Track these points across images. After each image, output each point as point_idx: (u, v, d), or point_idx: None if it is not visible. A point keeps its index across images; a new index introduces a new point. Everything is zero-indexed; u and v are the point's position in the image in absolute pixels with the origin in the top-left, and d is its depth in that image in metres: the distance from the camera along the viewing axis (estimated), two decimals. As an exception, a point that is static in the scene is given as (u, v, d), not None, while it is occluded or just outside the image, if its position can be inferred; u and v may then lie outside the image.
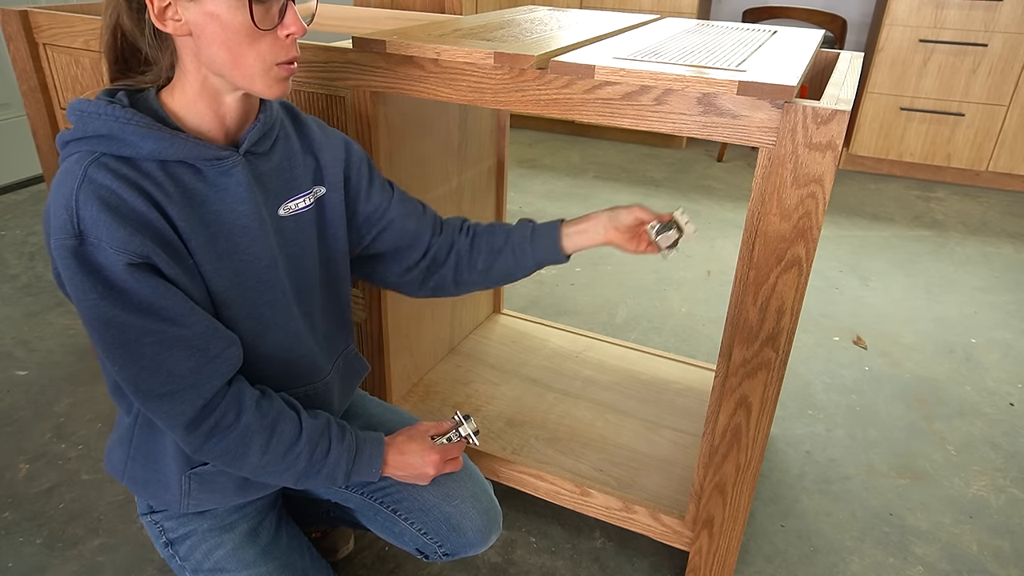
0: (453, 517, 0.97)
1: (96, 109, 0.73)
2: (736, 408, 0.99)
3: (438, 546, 0.99)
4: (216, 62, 0.74)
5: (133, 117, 0.73)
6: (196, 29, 0.73)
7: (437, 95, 1.01)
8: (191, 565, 0.95)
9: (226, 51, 0.73)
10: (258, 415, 0.81)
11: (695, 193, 2.98)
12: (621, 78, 0.88)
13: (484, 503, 1.00)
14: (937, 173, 3.19)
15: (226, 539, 0.94)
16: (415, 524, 0.98)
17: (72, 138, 0.74)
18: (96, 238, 0.69)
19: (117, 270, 0.70)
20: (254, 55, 0.74)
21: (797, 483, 1.45)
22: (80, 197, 0.70)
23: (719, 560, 1.12)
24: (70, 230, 0.69)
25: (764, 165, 0.85)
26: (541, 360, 1.55)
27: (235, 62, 0.74)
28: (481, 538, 0.99)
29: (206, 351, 0.77)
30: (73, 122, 0.74)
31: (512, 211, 2.74)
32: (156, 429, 0.87)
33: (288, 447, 0.83)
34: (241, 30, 0.72)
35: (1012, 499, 1.43)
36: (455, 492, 0.99)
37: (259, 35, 0.74)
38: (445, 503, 0.98)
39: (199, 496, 0.91)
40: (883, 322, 2.05)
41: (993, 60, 2.84)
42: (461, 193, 1.45)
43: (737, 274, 0.93)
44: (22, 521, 1.30)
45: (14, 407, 1.60)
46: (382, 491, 1.00)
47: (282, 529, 1.01)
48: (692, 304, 2.12)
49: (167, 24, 0.73)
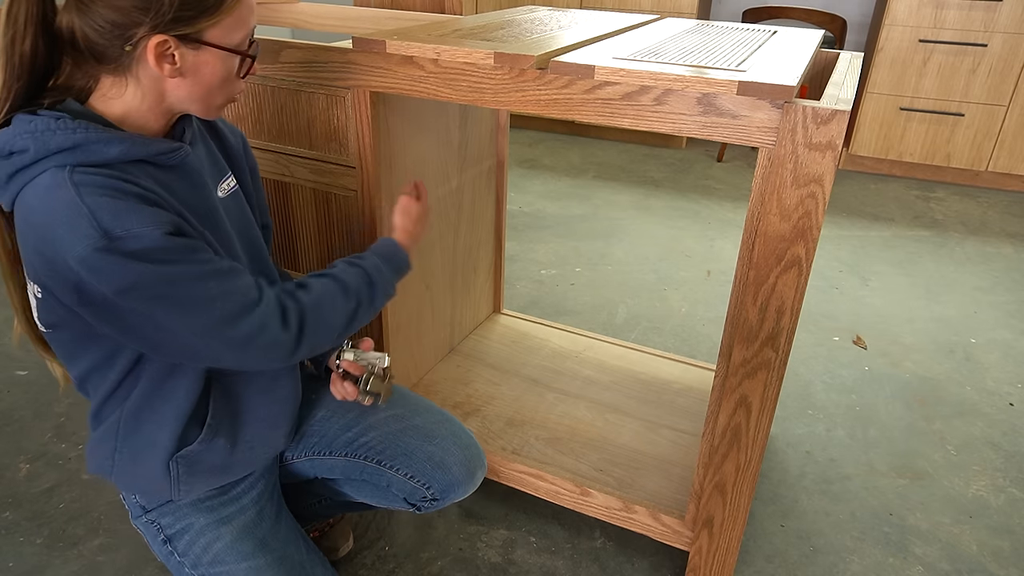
0: (436, 455, 1.02)
1: (48, 126, 0.72)
2: (736, 408, 0.99)
3: (426, 488, 1.01)
4: (185, 98, 0.80)
5: (90, 126, 0.74)
6: (188, 73, 0.77)
7: (437, 95, 1.01)
8: (190, 560, 0.95)
9: (202, 91, 0.80)
10: (307, 290, 0.87)
11: (695, 193, 2.98)
12: (621, 78, 0.88)
13: (464, 440, 1.05)
14: (937, 173, 3.19)
15: (224, 532, 0.95)
16: (400, 470, 1.01)
17: (34, 159, 0.72)
18: (124, 229, 0.70)
19: (156, 239, 0.72)
20: (222, 95, 0.83)
21: (797, 483, 1.45)
22: (88, 201, 0.70)
23: (719, 560, 1.12)
24: (94, 234, 0.69)
25: (764, 165, 0.85)
26: (541, 360, 1.55)
27: (205, 100, 0.81)
28: (466, 473, 1.03)
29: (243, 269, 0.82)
30: (25, 145, 0.72)
31: (512, 211, 2.75)
32: (142, 419, 0.87)
33: (344, 291, 0.90)
34: (224, 77, 0.80)
35: (1012, 499, 1.43)
36: (435, 432, 1.04)
37: (229, 82, 0.82)
38: (427, 443, 1.02)
39: (189, 481, 0.91)
40: (883, 322, 2.05)
41: (993, 60, 2.84)
42: (461, 193, 1.45)
43: (737, 274, 0.93)
44: (22, 521, 1.30)
45: (14, 407, 1.60)
46: (365, 446, 1.03)
47: (280, 521, 1.02)
48: (692, 304, 2.12)
49: (163, 67, 0.76)
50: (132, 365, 0.84)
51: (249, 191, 1.01)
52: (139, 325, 0.74)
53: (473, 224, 1.54)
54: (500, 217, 1.64)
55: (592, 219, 2.70)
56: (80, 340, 0.82)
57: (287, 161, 1.22)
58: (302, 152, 1.20)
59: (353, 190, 1.18)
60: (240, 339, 0.78)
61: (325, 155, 1.18)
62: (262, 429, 0.96)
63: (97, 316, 0.74)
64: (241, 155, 1.00)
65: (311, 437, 1.06)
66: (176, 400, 0.86)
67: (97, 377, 0.86)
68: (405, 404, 1.08)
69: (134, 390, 0.86)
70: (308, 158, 1.20)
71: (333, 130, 1.15)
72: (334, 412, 1.06)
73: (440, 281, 1.46)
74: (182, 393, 0.86)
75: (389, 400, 1.06)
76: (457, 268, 1.52)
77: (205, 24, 0.75)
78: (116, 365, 0.84)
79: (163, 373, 0.85)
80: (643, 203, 2.87)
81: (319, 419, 1.06)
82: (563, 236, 2.55)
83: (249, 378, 0.93)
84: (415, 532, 1.30)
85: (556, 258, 2.39)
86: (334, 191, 1.20)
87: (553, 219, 2.69)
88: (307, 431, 1.06)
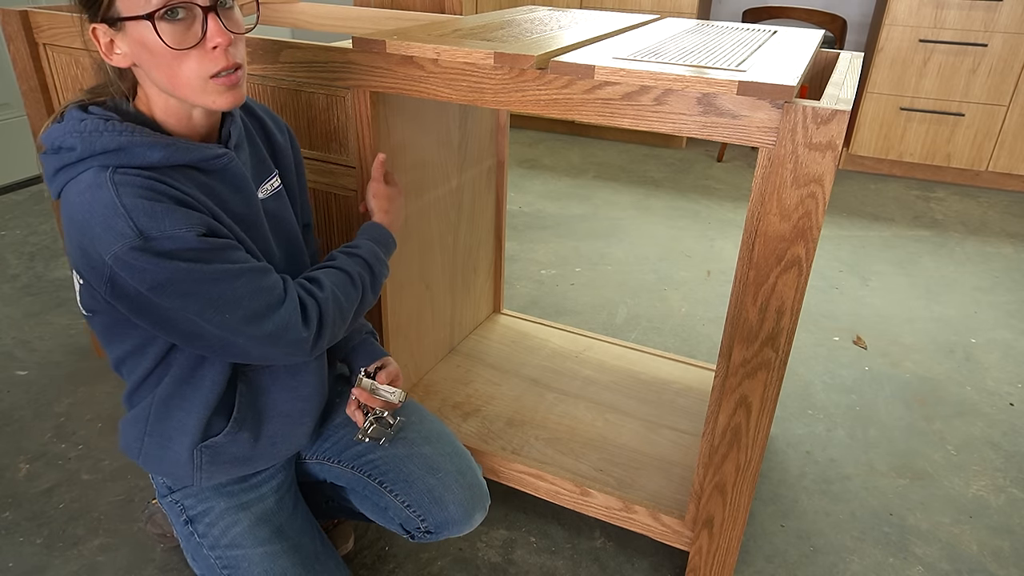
0: (436, 489, 1.01)
1: (97, 127, 0.76)
2: (736, 408, 0.99)
3: (420, 520, 1.01)
4: (161, 83, 0.79)
5: (136, 129, 0.77)
6: (136, 59, 0.77)
7: (437, 95, 1.01)
8: (209, 542, 0.98)
9: (162, 73, 0.77)
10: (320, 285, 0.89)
11: (695, 193, 2.98)
12: (621, 78, 0.88)
13: (469, 479, 1.04)
14: (937, 173, 3.19)
15: (242, 517, 0.98)
16: (399, 496, 1.02)
17: (80, 158, 0.76)
18: (159, 231, 0.73)
19: (189, 240, 0.74)
20: (187, 73, 0.77)
21: (797, 483, 1.45)
22: (126, 202, 0.72)
23: (719, 560, 1.12)
24: (130, 233, 0.72)
25: (764, 165, 0.85)
26: (541, 360, 1.55)
27: (173, 82, 0.77)
28: (463, 514, 1.02)
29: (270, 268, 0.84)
30: (73, 143, 0.76)
31: (512, 211, 2.74)
32: (171, 407, 0.91)
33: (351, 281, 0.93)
34: (165, 52, 0.75)
35: (1012, 499, 1.43)
36: (440, 465, 1.03)
37: (183, 54, 0.76)
38: (429, 475, 1.01)
39: (210, 469, 0.96)
40: (883, 322, 2.05)
41: (993, 60, 2.84)
42: (461, 193, 1.45)
43: (737, 274, 0.93)
44: (22, 521, 1.30)
45: (14, 407, 1.60)
46: (371, 463, 1.04)
47: (298, 511, 1.05)
48: (692, 304, 2.12)
49: (114, 59, 0.78)
50: (164, 354, 0.88)
51: (293, 189, 1.02)
52: (170, 319, 0.77)
53: (473, 224, 1.54)
54: (500, 217, 1.64)
55: (592, 219, 2.70)
56: (117, 326, 0.86)
57: (287, 161, 1.22)
58: (302, 152, 1.20)
59: (353, 190, 1.18)
60: (264, 336, 0.81)
61: (325, 155, 1.18)
62: (285, 425, 0.99)
63: (130, 309, 0.77)
64: (288, 151, 1.01)
65: (325, 441, 1.08)
66: (203, 389, 0.90)
67: (131, 362, 0.90)
68: (419, 429, 1.07)
69: (165, 377, 0.89)
70: (308, 158, 1.20)
71: (333, 130, 1.15)
72: (350, 420, 1.08)
73: (440, 281, 1.46)
74: (208, 383, 0.90)
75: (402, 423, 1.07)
76: (457, 268, 1.52)
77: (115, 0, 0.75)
78: (149, 353, 0.88)
79: (192, 363, 0.88)
80: (643, 203, 2.87)
81: (336, 424, 1.08)
82: (563, 236, 2.55)
83: (274, 375, 0.95)
84: (415, 532, 1.31)
85: (556, 258, 2.39)
86: (334, 191, 1.20)
87: (553, 219, 2.69)
88: (324, 433, 1.08)
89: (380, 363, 1.06)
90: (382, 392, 1.01)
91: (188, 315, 0.77)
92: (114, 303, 0.77)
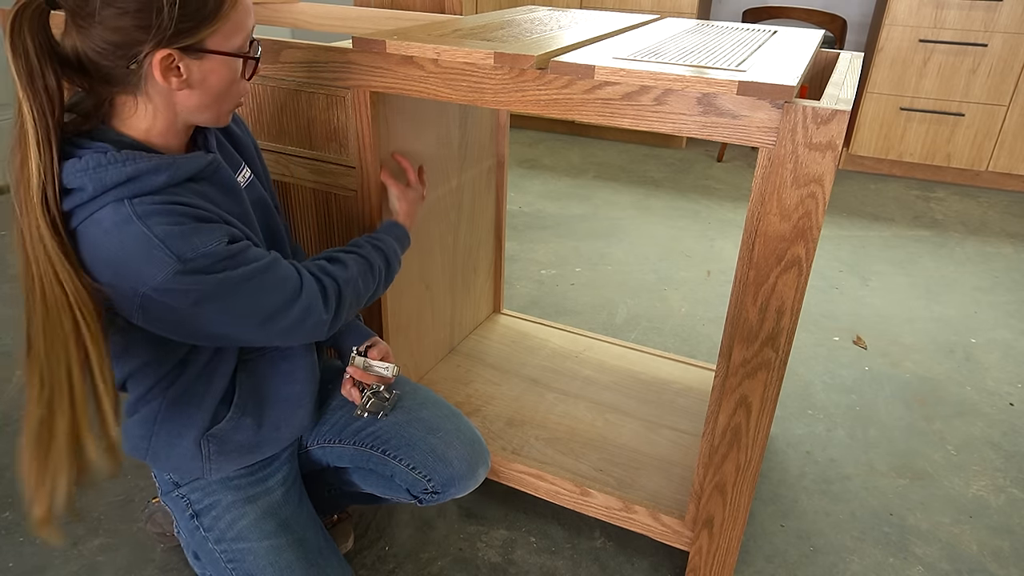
0: (438, 447, 1.04)
1: (99, 161, 0.74)
2: (736, 408, 0.99)
3: (427, 480, 1.03)
4: (195, 109, 0.81)
5: (134, 155, 0.76)
6: (195, 84, 0.78)
7: (437, 95, 1.01)
8: (215, 535, 0.99)
9: (211, 100, 0.81)
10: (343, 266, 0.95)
11: (695, 193, 2.98)
12: (621, 78, 0.88)
13: (468, 435, 1.08)
14: (937, 173, 3.19)
15: (249, 510, 1.00)
16: (403, 460, 1.04)
17: (92, 196, 0.74)
18: (193, 251, 0.75)
19: (221, 252, 0.77)
20: (229, 101, 0.84)
21: (797, 483, 1.45)
22: (157, 231, 0.74)
23: (719, 560, 1.12)
24: (170, 261, 0.73)
25: (764, 165, 0.85)
26: (541, 360, 1.55)
27: (214, 107, 0.82)
28: (467, 468, 1.05)
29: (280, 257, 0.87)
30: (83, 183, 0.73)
31: (512, 211, 2.74)
32: (183, 403, 0.92)
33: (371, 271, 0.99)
34: (230, 81, 0.81)
35: (1012, 499, 1.43)
36: (440, 425, 1.06)
37: (234, 83, 0.83)
38: (430, 435, 1.05)
39: (219, 460, 0.97)
40: (883, 322, 2.05)
41: (993, 60, 2.84)
42: (461, 193, 1.45)
43: (737, 274, 0.93)
44: (22, 521, 1.30)
45: (14, 407, 1.60)
46: (372, 435, 1.06)
47: (303, 505, 1.06)
48: (692, 304, 2.12)
49: (170, 81, 0.77)
50: (183, 356, 0.89)
51: (261, 176, 1.03)
52: (202, 327, 0.80)
53: (473, 224, 1.54)
54: (500, 217, 1.64)
55: (592, 219, 2.70)
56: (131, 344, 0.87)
57: (287, 161, 1.22)
58: (302, 152, 1.20)
59: (353, 190, 1.18)
60: (289, 325, 0.85)
61: (325, 155, 1.18)
62: (286, 409, 1.01)
63: (163, 328, 0.80)
64: (247, 140, 1.02)
65: (323, 425, 1.10)
66: (216, 382, 0.92)
67: (141, 374, 0.90)
68: (414, 397, 1.11)
69: (180, 378, 0.90)
70: (308, 158, 1.20)
71: (333, 130, 1.15)
72: (346, 401, 1.10)
73: (440, 281, 1.46)
74: (219, 375, 0.92)
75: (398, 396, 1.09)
76: (457, 268, 1.52)
77: (205, 33, 0.76)
78: (166, 361, 0.89)
79: (208, 359, 0.90)
80: (643, 203, 2.87)
81: (332, 408, 1.11)
82: (563, 236, 2.55)
83: (270, 360, 0.98)
84: (415, 532, 1.30)
85: (556, 258, 2.39)
86: (334, 191, 1.20)
87: (553, 219, 2.69)
88: (321, 418, 1.10)
89: (370, 342, 1.10)
90: (376, 368, 1.04)
91: (223, 318, 0.80)
92: (146, 326, 0.79)
